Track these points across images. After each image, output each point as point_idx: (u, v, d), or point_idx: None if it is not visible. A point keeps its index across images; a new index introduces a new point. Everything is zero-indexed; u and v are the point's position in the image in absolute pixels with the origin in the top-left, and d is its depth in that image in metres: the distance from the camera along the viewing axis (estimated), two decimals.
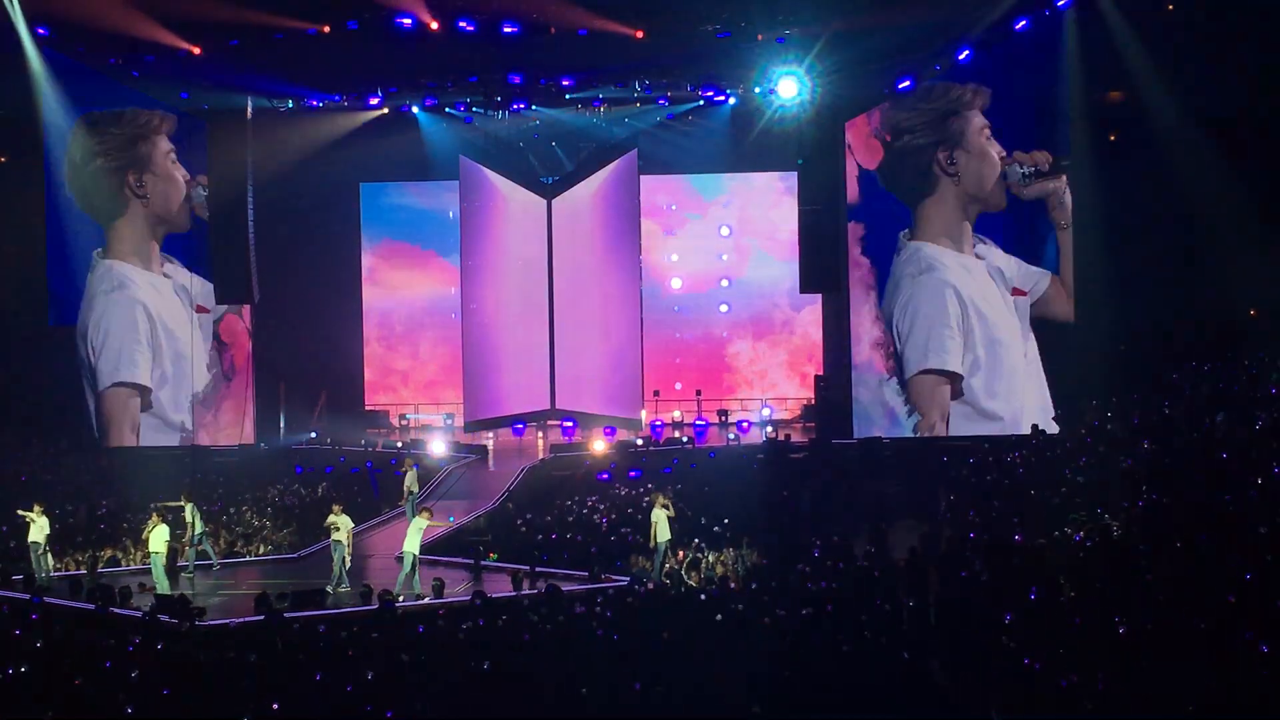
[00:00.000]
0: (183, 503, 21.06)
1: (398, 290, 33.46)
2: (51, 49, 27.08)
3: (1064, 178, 26.59)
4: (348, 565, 19.34)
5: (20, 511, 20.48)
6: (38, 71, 27.45)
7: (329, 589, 18.88)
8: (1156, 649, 11.58)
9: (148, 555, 19.97)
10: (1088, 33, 25.52)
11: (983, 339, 27.14)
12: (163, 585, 19.46)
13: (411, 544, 18.96)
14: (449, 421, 31.75)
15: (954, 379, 27.20)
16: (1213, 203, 25.76)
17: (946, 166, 27.19)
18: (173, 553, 20.36)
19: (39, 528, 20.15)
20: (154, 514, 20.17)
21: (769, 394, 32.64)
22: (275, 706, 11.80)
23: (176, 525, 20.66)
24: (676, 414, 31.97)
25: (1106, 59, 25.50)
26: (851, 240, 27.98)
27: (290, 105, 29.33)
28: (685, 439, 29.07)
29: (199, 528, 20.83)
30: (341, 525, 19.43)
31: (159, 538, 19.74)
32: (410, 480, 23.61)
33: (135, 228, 29.35)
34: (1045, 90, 26.15)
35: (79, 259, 29.38)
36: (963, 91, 27.00)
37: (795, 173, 28.23)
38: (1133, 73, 25.66)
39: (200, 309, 29.37)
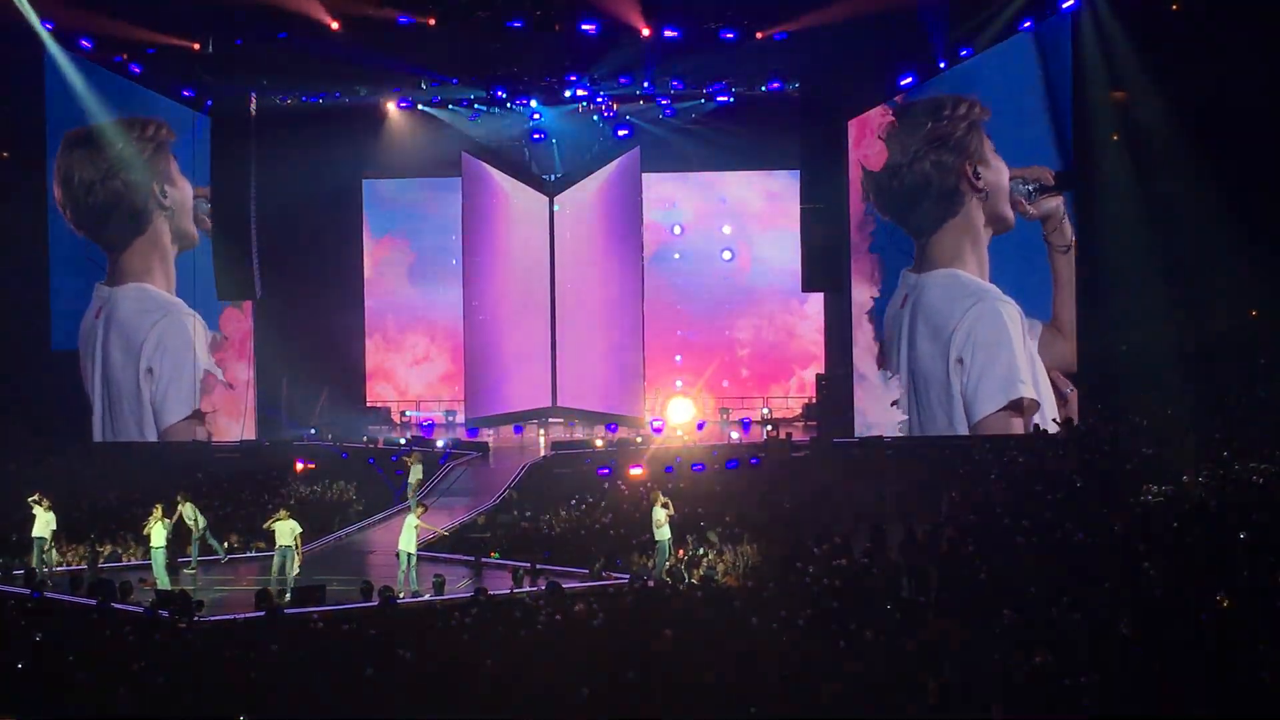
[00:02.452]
0: (181, 504, 20.94)
1: (399, 286, 33.44)
2: (56, 44, 27.07)
3: (1062, 199, 26.25)
4: (296, 569, 19.07)
5: (29, 500, 20.46)
6: (72, 78, 27.39)
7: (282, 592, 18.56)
8: (1159, 647, 11.58)
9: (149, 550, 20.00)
10: (1095, 37, 25.37)
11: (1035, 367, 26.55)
12: (163, 581, 19.47)
13: (408, 542, 18.96)
14: (451, 419, 31.79)
15: (1030, 408, 26.43)
16: (1216, 208, 25.61)
17: (975, 183, 26.72)
18: (174, 546, 20.37)
19: (44, 522, 20.15)
20: (155, 509, 20.16)
21: (770, 392, 32.66)
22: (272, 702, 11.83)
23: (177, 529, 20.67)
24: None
25: (1111, 64, 25.38)
26: (859, 237, 27.93)
27: (289, 101, 29.30)
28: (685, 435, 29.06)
29: (201, 523, 20.84)
30: (286, 530, 19.17)
31: (159, 533, 19.75)
32: (415, 474, 23.87)
33: (156, 245, 29.12)
34: (1048, 96, 25.99)
35: (82, 280, 29.29)
36: (972, 104, 26.65)
37: (798, 171, 28.20)
38: (1136, 78, 25.55)
39: None
